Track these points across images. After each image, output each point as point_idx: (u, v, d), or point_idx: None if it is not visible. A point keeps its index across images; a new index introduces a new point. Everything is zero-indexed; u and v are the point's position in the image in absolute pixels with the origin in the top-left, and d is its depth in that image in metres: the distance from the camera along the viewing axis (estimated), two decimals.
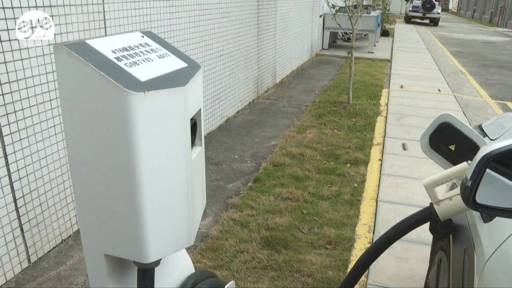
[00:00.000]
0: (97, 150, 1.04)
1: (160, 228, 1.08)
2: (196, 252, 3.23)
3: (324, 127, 6.36)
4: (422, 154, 1.72)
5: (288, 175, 4.64)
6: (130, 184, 1.02)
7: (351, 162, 5.10)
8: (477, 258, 1.51)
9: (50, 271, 2.96)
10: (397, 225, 1.41)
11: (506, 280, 1.25)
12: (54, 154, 3.08)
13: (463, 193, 1.03)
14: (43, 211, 3.05)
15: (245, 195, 4.15)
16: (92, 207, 1.10)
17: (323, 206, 4.01)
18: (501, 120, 2.62)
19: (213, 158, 5.08)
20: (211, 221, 3.72)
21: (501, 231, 1.42)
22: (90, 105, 1.02)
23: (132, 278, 1.23)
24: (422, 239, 3.43)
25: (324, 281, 2.95)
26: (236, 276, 2.97)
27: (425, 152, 1.84)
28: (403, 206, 4.08)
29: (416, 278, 3.06)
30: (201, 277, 1.40)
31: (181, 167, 1.08)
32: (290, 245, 3.36)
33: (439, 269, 2.20)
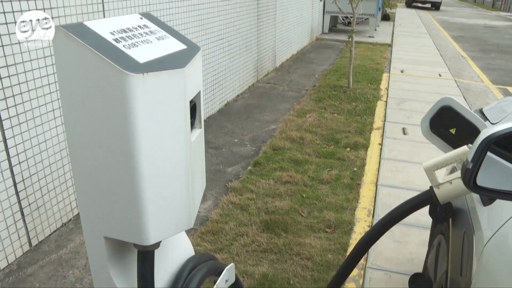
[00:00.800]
0: (96, 133, 1.03)
1: (160, 211, 1.08)
2: (196, 235, 3.24)
3: (324, 111, 6.34)
4: (422, 138, 1.73)
5: (288, 159, 4.64)
6: (129, 167, 1.01)
7: (351, 146, 5.09)
8: (476, 241, 1.51)
9: (51, 254, 2.97)
10: (397, 208, 1.41)
11: (504, 263, 1.25)
12: (53, 138, 3.07)
13: (464, 176, 1.02)
14: (43, 195, 3.05)
15: (245, 179, 4.16)
16: (91, 190, 1.09)
17: (323, 190, 4.02)
18: (502, 104, 2.60)
19: (213, 142, 5.07)
20: (211, 204, 3.73)
21: (500, 215, 1.42)
22: (89, 87, 1.01)
23: (132, 260, 1.23)
24: (421, 223, 3.44)
25: (324, 264, 2.97)
26: (236, 259, 2.98)
27: (425, 136, 1.83)
28: (403, 190, 4.08)
29: (415, 261, 3.08)
30: (201, 259, 1.41)
31: (180, 149, 1.08)
32: (290, 228, 3.38)
33: (438, 253, 2.20)
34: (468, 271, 1.48)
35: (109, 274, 1.21)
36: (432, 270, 2.26)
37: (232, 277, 1.50)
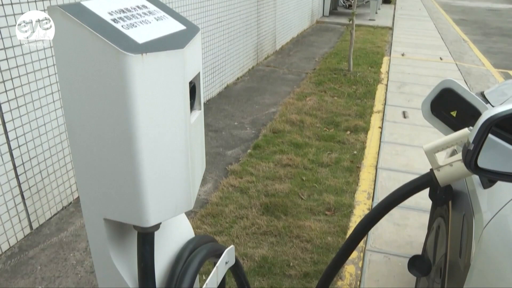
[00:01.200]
0: (95, 115, 1.03)
1: (160, 192, 1.08)
2: (196, 218, 3.25)
3: (324, 94, 6.32)
4: (422, 122, 1.73)
5: (288, 142, 4.63)
6: (128, 148, 1.01)
7: (351, 129, 5.09)
8: (475, 223, 1.51)
9: (52, 237, 2.99)
10: (397, 191, 1.40)
11: (503, 245, 1.25)
12: (52, 121, 3.06)
13: (465, 157, 1.02)
14: (43, 178, 3.05)
15: (244, 162, 4.16)
16: (91, 172, 1.09)
17: (323, 173, 4.02)
18: (503, 87, 2.59)
19: (213, 125, 5.06)
20: (211, 187, 3.74)
21: (500, 197, 1.42)
22: (87, 68, 1.00)
23: (132, 242, 1.23)
24: (420, 206, 3.45)
25: (323, 247, 2.98)
26: (236, 242, 2.99)
27: (426, 118, 1.82)
28: (403, 173, 4.09)
29: (414, 244, 3.09)
30: (201, 241, 1.41)
31: (180, 131, 1.07)
32: (290, 211, 3.38)
33: (437, 235, 2.21)
34: (467, 253, 1.48)
35: (109, 256, 1.21)
36: (431, 252, 2.27)
37: (232, 259, 1.51)
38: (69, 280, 2.63)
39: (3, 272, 2.66)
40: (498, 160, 1.04)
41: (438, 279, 1.96)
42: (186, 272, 1.26)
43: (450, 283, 1.64)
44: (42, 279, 2.62)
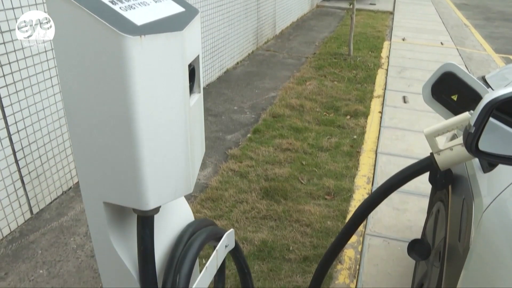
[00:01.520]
0: (94, 98, 1.02)
1: (159, 175, 1.07)
2: (196, 202, 3.26)
3: (324, 79, 6.30)
4: (422, 107, 1.71)
5: (287, 126, 4.63)
6: (128, 132, 1.00)
7: (351, 114, 5.08)
8: (475, 208, 1.51)
9: (52, 222, 2.99)
10: (397, 174, 1.40)
11: (502, 229, 1.25)
12: (52, 106, 3.05)
13: (466, 140, 1.01)
14: (42, 163, 3.05)
15: (244, 146, 4.16)
16: (90, 156, 1.08)
17: (323, 157, 4.02)
18: (504, 71, 2.58)
19: (212, 109, 5.05)
20: (211, 171, 3.74)
21: (500, 181, 1.42)
22: (85, 51, 0.99)
23: (132, 226, 1.23)
24: (420, 190, 3.45)
25: (323, 231, 2.99)
26: (236, 226, 3.00)
27: (426, 102, 1.81)
28: (403, 158, 4.09)
29: (413, 229, 3.10)
30: (201, 225, 1.41)
31: (179, 114, 1.06)
32: (289, 195, 3.39)
33: (436, 220, 2.22)
34: (467, 237, 1.49)
35: (109, 240, 1.21)
36: (430, 236, 2.28)
37: (232, 242, 1.51)
38: (69, 264, 2.64)
39: (4, 256, 2.67)
40: (499, 143, 1.04)
41: (437, 262, 1.96)
42: (186, 255, 1.27)
43: (449, 266, 1.65)
44: (43, 263, 2.63)
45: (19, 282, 2.50)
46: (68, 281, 2.52)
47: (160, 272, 1.28)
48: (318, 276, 1.63)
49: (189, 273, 1.25)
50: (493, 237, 1.28)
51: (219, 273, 1.72)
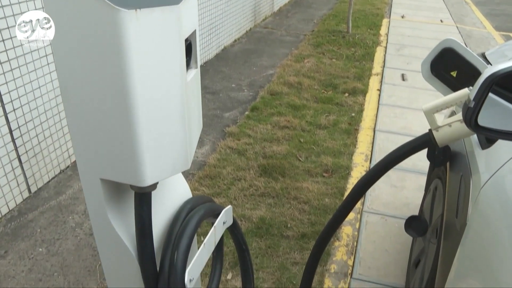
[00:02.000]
0: (89, 74, 1.00)
1: (156, 151, 1.06)
2: (194, 180, 3.26)
3: (322, 56, 6.26)
4: (421, 84, 1.70)
5: (285, 104, 4.61)
6: (124, 107, 0.99)
7: (349, 91, 5.06)
8: (473, 184, 1.52)
9: (51, 201, 3.00)
10: (395, 151, 1.40)
11: (499, 205, 1.26)
12: (47, 84, 3.03)
13: (465, 114, 1.00)
14: (39, 142, 3.04)
15: (242, 124, 4.15)
16: (86, 132, 1.07)
17: (321, 135, 4.02)
18: (504, 48, 2.56)
19: (210, 87, 5.03)
20: (209, 149, 3.74)
21: (498, 158, 1.42)
22: (80, 26, 0.97)
23: (130, 202, 1.23)
24: (418, 168, 3.46)
25: (321, 208, 3.00)
26: (234, 203, 3.01)
27: (425, 79, 1.80)
28: (401, 136, 4.09)
29: (410, 206, 3.12)
30: (199, 201, 1.41)
31: (176, 89, 1.05)
32: (287, 173, 3.39)
33: (434, 197, 2.22)
34: (464, 214, 1.49)
35: (107, 217, 1.21)
36: (428, 213, 2.29)
37: (229, 219, 1.51)
38: (68, 242, 2.65)
39: (3, 235, 2.68)
40: (498, 118, 1.03)
41: (434, 239, 1.98)
42: (184, 232, 1.27)
43: (446, 243, 1.66)
44: (42, 242, 2.65)
45: (19, 260, 2.51)
46: (67, 259, 2.53)
47: (158, 249, 1.28)
48: (316, 253, 1.64)
49: (187, 249, 1.25)
50: (490, 213, 1.29)
51: (217, 250, 1.73)
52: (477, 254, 1.30)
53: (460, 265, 1.40)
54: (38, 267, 2.47)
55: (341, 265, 2.59)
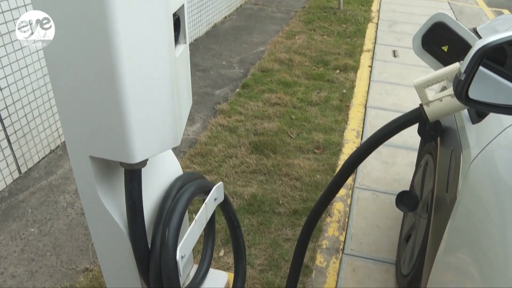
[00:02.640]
0: (75, 50, 0.98)
1: (145, 128, 1.05)
2: (186, 158, 3.26)
3: (313, 33, 6.21)
4: (412, 61, 1.69)
5: (276, 80, 4.59)
6: (112, 83, 0.97)
7: (341, 68, 5.04)
8: (463, 159, 1.52)
9: (41, 181, 2.98)
10: (386, 126, 1.39)
11: (489, 179, 1.26)
12: (35, 63, 2.98)
13: (456, 87, 1.00)
14: (28, 122, 3.00)
15: (233, 101, 4.13)
16: (74, 110, 1.06)
17: (312, 112, 4.01)
18: (495, 23, 2.55)
19: (201, 64, 4.98)
20: (200, 127, 3.72)
21: (488, 133, 1.42)
22: (65, 1, 0.95)
23: (120, 180, 1.22)
24: (409, 144, 3.47)
25: (312, 185, 3.01)
26: (225, 180, 3.01)
27: (417, 53, 1.79)
28: (392, 112, 4.09)
29: (401, 182, 3.14)
30: (189, 178, 1.40)
31: (164, 64, 1.03)
32: (279, 149, 3.39)
33: (425, 172, 2.24)
34: (454, 188, 1.50)
35: (97, 195, 1.20)
36: (418, 188, 2.31)
37: (221, 195, 1.51)
38: (60, 222, 2.64)
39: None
40: (489, 92, 1.03)
41: (424, 214, 1.99)
42: (175, 209, 1.26)
43: (436, 217, 1.67)
44: (33, 222, 2.64)
45: (10, 240, 2.51)
46: (59, 239, 2.53)
47: (149, 226, 1.28)
48: (308, 229, 1.65)
49: (178, 226, 1.25)
50: (480, 187, 1.30)
51: (209, 227, 1.74)
52: (466, 228, 1.31)
53: (450, 239, 1.41)
54: (30, 247, 2.47)
55: (332, 241, 2.61)
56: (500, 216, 1.11)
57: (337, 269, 2.43)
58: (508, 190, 1.13)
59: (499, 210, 1.13)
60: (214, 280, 1.77)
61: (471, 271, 1.19)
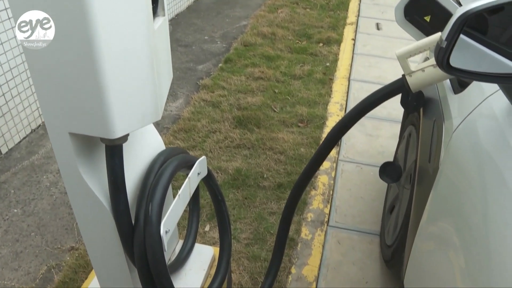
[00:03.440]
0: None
1: (125, 102, 1.03)
2: (169, 134, 3.23)
3: (296, 6, 6.16)
4: (396, 34, 1.67)
5: (259, 55, 4.56)
6: (89, 57, 0.95)
7: (324, 41, 5.01)
8: (445, 129, 1.53)
9: (23, 161, 2.94)
10: (369, 97, 1.39)
11: (471, 149, 1.27)
12: (11, 40, 2.91)
13: (437, 54, 0.99)
14: (7, 101, 2.94)
15: (216, 76, 4.10)
16: (50, 85, 1.03)
17: (295, 85, 4.00)
18: None
19: (182, 39, 4.92)
20: (183, 102, 3.69)
21: (470, 103, 1.43)
22: None
23: (101, 156, 1.20)
24: (392, 117, 3.49)
25: (296, 158, 3.02)
26: (210, 156, 3.01)
27: (399, 24, 1.78)
28: (375, 85, 4.09)
29: (385, 154, 3.16)
30: (172, 153, 1.39)
31: (143, 37, 1.00)
32: (263, 124, 3.39)
33: (408, 143, 2.25)
34: (436, 158, 1.51)
35: (79, 172, 1.18)
36: (402, 160, 2.33)
37: (204, 170, 1.50)
38: (44, 202, 2.62)
39: None
40: (470, 60, 1.02)
41: (408, 185, 2.01)
42: (158, 184, 1.25)
43: (419, 188, 1.69)
44: (17, 202, 2.61)
45: None
46: (43, 218, 2.51)
47: (132, 202, 1.27)
48: (292, 201, 1.65)
49: (161, 201, 1.24)
50: (462, 157, 1.30)
51: (193, 202, 1.73)
52: (448, 198, 1.32)
53: (433, 209, 1.43)
54: (14, 228, 2.45)
55: (317, 214, 2.63)
56: (481, 185, 1.12)
57: (322, 241, 2.45)
58: (489, 159, 1.14)
59: (480, 179, 1.14)
60: (199, 255, 1.77)
61: (452, 239, 1.21)
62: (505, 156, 1.06)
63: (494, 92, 1.31)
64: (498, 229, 0.96)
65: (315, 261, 2.32)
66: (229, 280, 1.92)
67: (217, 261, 1.69)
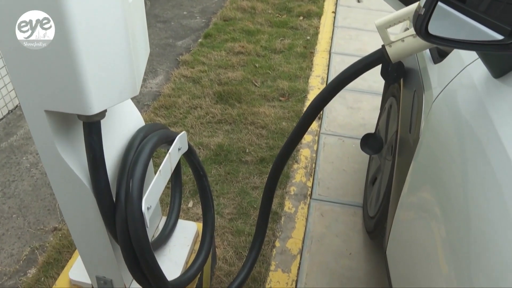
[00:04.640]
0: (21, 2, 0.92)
1: (101, 77, 1.01)
2: (150, 111, 3.20)
3: None
4: (376, 6, 1.66)
5: (239, 29, 4.51)
6: (61, 31, 0.92)
7: (304, 15, 4.97)
8: (425, 99, 1.54)
9: (1, 143, 2.89)
10: (349, 68, 1.38)
11: (450, 118, 1.28)
12: None
13: (416, 22, 0.99)
14: None
15: (196, 51, 4.05)
16: (23, 61, 1.00)
17: (276, 59, 3.98)
18: None
19: (161, 15, 4.84)
20: (163, 79, 3.65)
21: (449, 72, 1.43)
22: None
23: (79, 133, 1.18)
24: (373, 89, 3.49)
25: (278, 132, 3.02)
26: (191, 132, 2.99)
27: None
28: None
29: (367, 126, 3.17)
30: (152, 129, 1.37)
31: (118, 10, 0.97)
32: (244, 98, 3.37)
33: (389, 115, 2.26)
34: (417, 129, 1.52)
35: (57, 150, 1.16)
36: (383, 131, 2.34)
37: (184, 145, 1.48)
38: (25, 183, 2.59)
39: None
40: (448, 28, 1.02)
41: (389, 156, 2.03)
42: (138, 159, 1.24)
43: (400, 158, 1.70)
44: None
45: None
46: (25, 200, 2.48)
47: (113, 179, 1.26)
48: (274, 174, 1.65)
49: (142, 177, 1.22)
50: (441, 127, 1.31)
51: (175, 178, 1.72)
52: (429, 167, 1.33)
53: (413, 179, 1.44)
54: None
55: (300, 187, 2.65)
56: (461, 154, 1.13)
57: (305, 214, 2.47)
58: (468, 128, 1.14)
59: (459, 148, 1.14)
60: (183, 231, 1.77)
61: (433, 209, 1.22)
62: (483, 125, 1.07)
63: (472, 61, 1.31)
64: (478, 198, 0.97)
65: (299, 234, 2.34)
66: (213, 255, 1.93)
67: (201, 236, 1.69)
